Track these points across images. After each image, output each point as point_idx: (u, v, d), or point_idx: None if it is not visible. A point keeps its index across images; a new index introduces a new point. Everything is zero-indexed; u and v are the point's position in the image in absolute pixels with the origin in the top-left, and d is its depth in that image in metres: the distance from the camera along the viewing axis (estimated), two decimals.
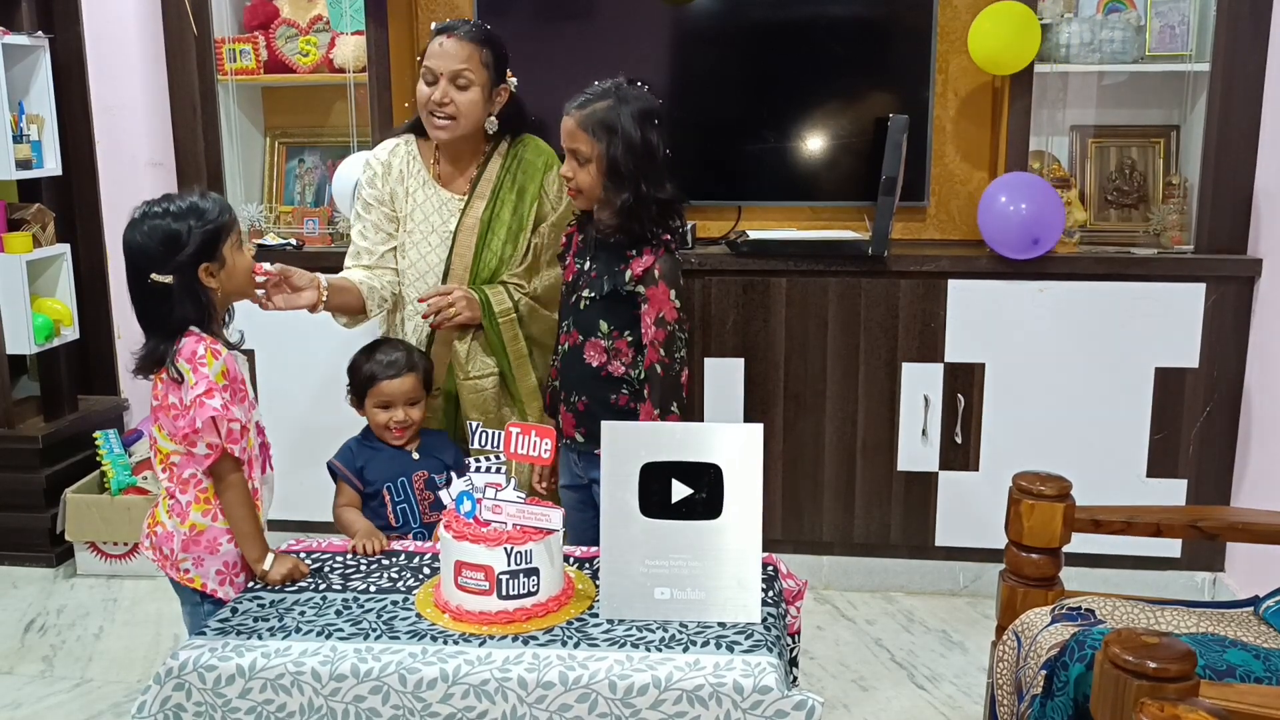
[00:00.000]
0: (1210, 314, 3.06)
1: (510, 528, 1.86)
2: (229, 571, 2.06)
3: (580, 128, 2.28)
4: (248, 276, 2.09)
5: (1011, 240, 3.02)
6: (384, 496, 2.39)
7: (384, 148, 2.61)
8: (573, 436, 2.41)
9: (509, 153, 2.56)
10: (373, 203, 2.57)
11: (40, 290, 3.54)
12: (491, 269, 2.52)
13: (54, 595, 3.39)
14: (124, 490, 3.47)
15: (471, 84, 2.43)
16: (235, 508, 2.01)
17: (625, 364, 2.32)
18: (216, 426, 1.94)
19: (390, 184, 2.56)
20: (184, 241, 1.98)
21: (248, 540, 2.03)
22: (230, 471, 2.00)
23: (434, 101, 2.43)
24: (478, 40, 2.44)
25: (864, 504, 3.27)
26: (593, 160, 2.28)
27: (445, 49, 2.42)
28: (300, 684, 1.72)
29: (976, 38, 3.09)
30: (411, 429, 2.41)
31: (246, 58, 3.48)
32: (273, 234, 3.53)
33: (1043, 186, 3.04)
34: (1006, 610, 2.10)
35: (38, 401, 3.65)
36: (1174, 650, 1.43)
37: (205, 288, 2.01)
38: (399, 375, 2.38)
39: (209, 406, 1.94)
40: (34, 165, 3.44)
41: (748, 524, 1.83)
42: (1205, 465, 3.14)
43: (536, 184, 2.54)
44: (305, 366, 3.38)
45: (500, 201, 2.52)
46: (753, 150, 3.43)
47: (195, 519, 2.03)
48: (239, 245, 2.06)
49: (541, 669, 1.70)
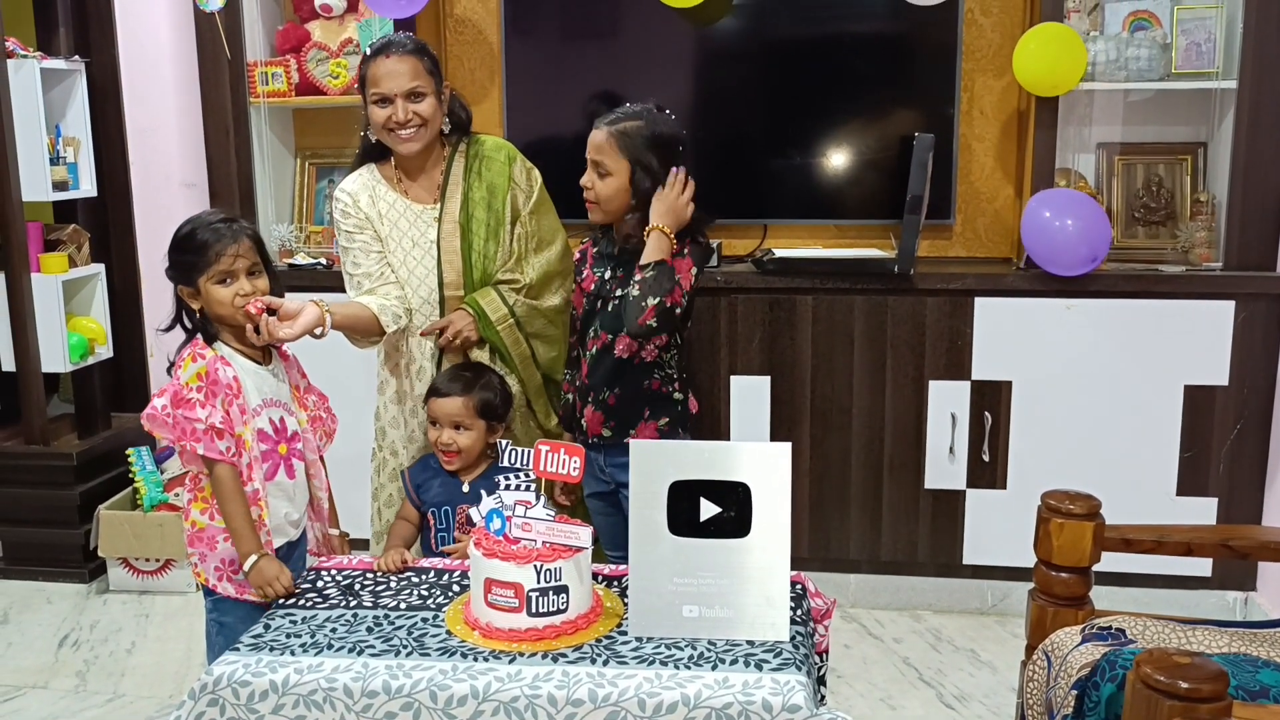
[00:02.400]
0: (1240, 331, 3.04)
1: (540, 545, 1.87)
2: (226, 569, 2.15)
3: (609, 142, 2.37)
4: (226, 310, 2.11)
5: (1067, 258, 3.00)
6: (429, 520, 2.40)
7: (347, 181, 2.63)
8: (599, 434, 2.48)
9: (468, 151, 2.62)
10: (353, 230, 2.58)
11: (75, 309, 3.60)
12: (482, 269, 2.57)
13: (87, 611, 3.43)
14: (156, 507, 3.51)
15: (426, 93, 2.49)
16: (222, 503, 2.11)
17: (658, 346, 2.42)
18: (161, 423, 2.06)
19: (363, 209, 2.58)
20: (170, 260, 2.14)
21: (235, 537, 2.11)
22: (213, 466, 2.09)
23: (396, 121, 2.47)
24: (417, 52, 2.49)
25: (891, 522, 3.27)
26: (615, 175, 2.38)
27: (392, 70, 2.46)
28: (332, 700, 1.73)
29: (1022, 59, 3.05)
30: (461, 456, 2.38)
31: (278, 80, 3.54)
32: (303, 253, 3.57)
33: (1087, 202, 3.03)
34: (1036, 629, 2.09)
35: (72, 419, 3.71)
36: (1206, 670, 1.42)
37: (189, 305, 2.14)
38: (446, 395, 2.39)
39: (152, 404, 2.08)
40: (70, 187, 3.51)
41: (776, 542, 1.84)
42: (1236, 483, 3.11)
43: (505, 177, 2.59)
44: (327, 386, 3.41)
45: (473, 202, 2.57)
46: (778, 168, 3.44)
47: (195, 516, 2.16)
48: (221, 281, 2.10)
49: (571, 686, 1.71)
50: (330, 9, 3.57)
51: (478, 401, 2.38)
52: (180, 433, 2.06)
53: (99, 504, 3.53)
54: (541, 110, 3.48)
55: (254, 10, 3.56)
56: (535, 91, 3.49)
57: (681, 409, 2.51)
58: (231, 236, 2.10)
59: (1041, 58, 3.03)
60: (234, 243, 2.10)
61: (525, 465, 1.97)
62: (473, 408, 2.37)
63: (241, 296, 2.10)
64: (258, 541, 2.10)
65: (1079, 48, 3.01)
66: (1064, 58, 3.01)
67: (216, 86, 3.53)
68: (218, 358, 2.10)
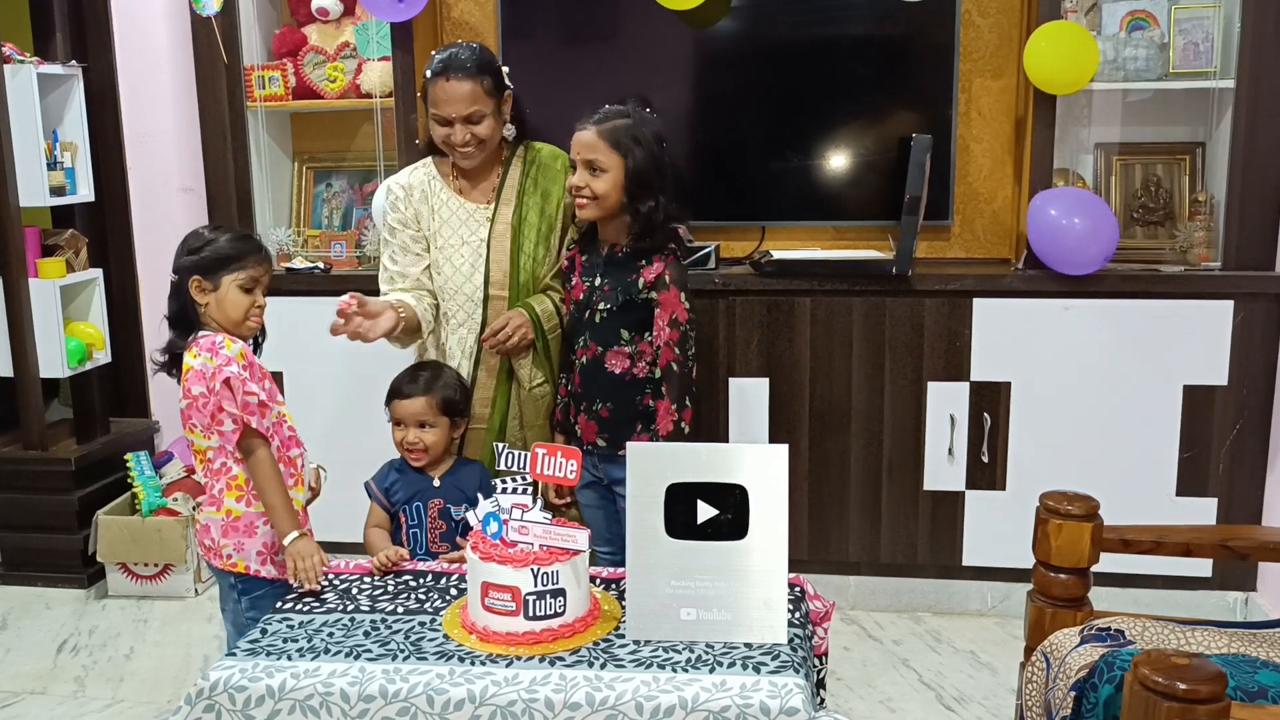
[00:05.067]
0: (1239, 331, 3.04)
1: (537, 549, 1.87)
2: (269, 551, 2.21)
3: (601, 140, 2.41)
4: (239, 312, 2.19)
5: (1077, 257, 2.99)
6: (400, 519, 2.42)
7: (404, 172, 2.68)
8: (594, 443, 2.51)
9: (526, 157, 2.64)
10: (397, 226, 2.63)
11: (73, 315, 3.60)
12: (528, 271, 2.59)
13: (86, 616, 3.42)
14: (155, 512, 3.50)
15: (485, 115, 2.51)
16: (262, 480, 2.15)
17: (649, 363, 2.46)
18: (233, 391, 2.10)
19: (414, 205, 2.62)
20: (195, 250, 2.16)
21: (276, 514, 2.15)
22: (257, 446, 2.14)
23: (455, 143, 2.51)
24: (475, 74, 2.49)
25: (890, 524, 3.26)
26: (610, 171, 2.41)
27: (451, 94, 2.47)
28: (329, 705, 1.73)
29: (1033, 57, 3.04)
30: (428, 453, 2.42)
31: (275, 84, 3.54)
32: (301, 257, 3.57)
33: (1094, 200, 3.02)
34: (1035, 631, 2.08)
35: (70, 424, 3.70)
36: (1204, 672, 1.42)
37: (192, 299, 2.16)
38: (410, 396, 2.42)
39: (226, 371, 2.10)
40: (68, 192, 3.51)
41: (774, 545, 1.84)
42: (1235, 484, 3.11)
43: (560, 185, 2.62)
44: (330, 389, 3.42)
45: (526, 205, 2.60)
46: (776, 170, 3.44)
47: (230, 505, 2.19)
48: (246, 286, 2.18)
49: (568, 690, 1.70)
50: (327, 13, 3.57)
51: (439, 400, 2.42)
52: (243, 404, 2.10)
53: (98, 509, 3.53)
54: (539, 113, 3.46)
55: (250, 14, 3.55)
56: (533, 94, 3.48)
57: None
58: (268, 256, 2.26)
59: (1054, 56, 3.01)
60: (269, 261, 2.25)
61: (522, 468, 1.97)
62: (435, 405, 2.42)
63: (257, 308, 2.20)
64: (297, 520, 2.16)
65: (1091, 45, 3.00)
66: (1078, 55, 2.99)
67: (213, 91, 3.53)
68: (245, 344, 2.19)
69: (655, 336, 2.44)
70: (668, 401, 2.43)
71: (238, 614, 2.26)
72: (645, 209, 2.41)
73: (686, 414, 2.44)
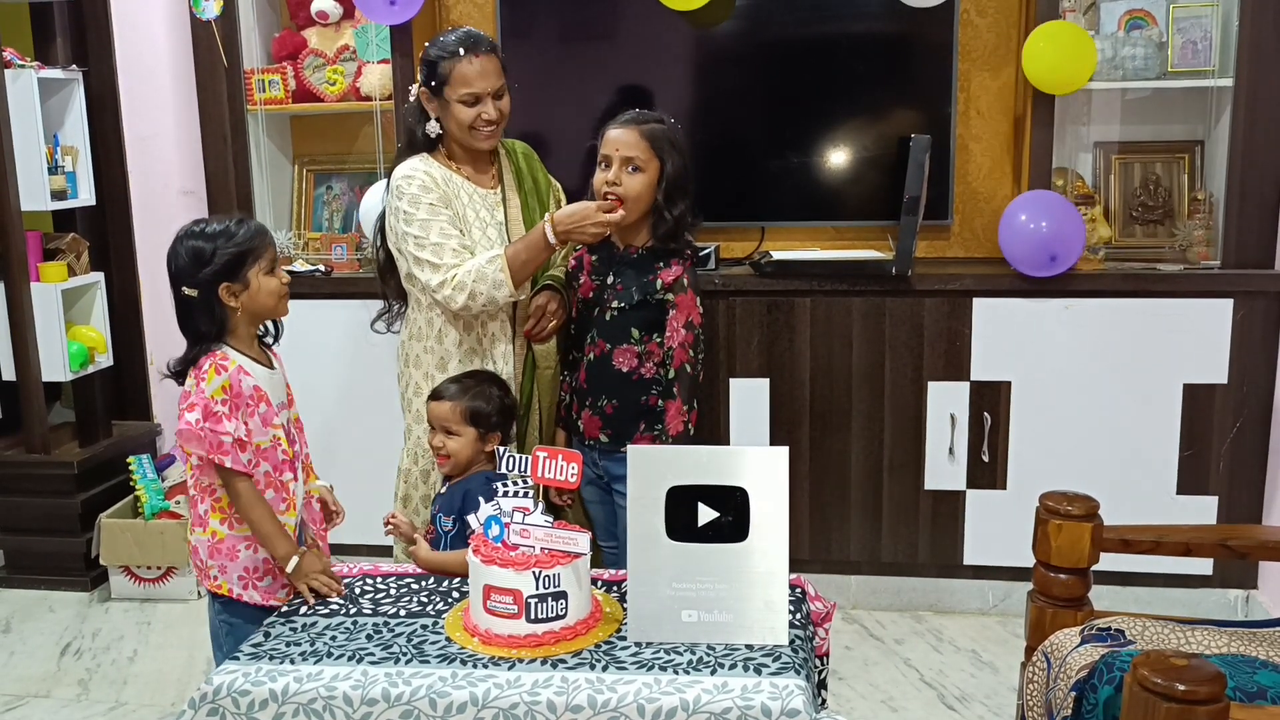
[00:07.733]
0: (1238, 329, 3.04)
1: (538, 552, 1.87)
2: (250, 576, 2.15)
3: (643, 139, 2.44)
4: (275, 299, 2.14)
5: (1030, 257, 3.03)
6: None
7: (414, 162, 2.57)
8: (596, 438, 2.53)
9: (505, 146, 2.70)
10: (437, 203, 2.51)
11: (75, 318, 3.60)
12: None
13: (89, 619, 3.43)
14: (157, 514, 3.51)
15: (505, 92, 2.56)
16: (246, 512, 2.09)
17: (656, 364, 2.48)
18: (195, 438, 2.04)
19: (441, 187, 2.54)
20: (208, 259, 2.07)
21: (268, 542, 2.10)
22: (234, 480, 2.08)
23: (485, 119, 2.51)
24: (497, 50, 2.56)
25: (891, 523, 3.27)
26: (646, 172, 2.44)
27: (484, 69, 2.49)
28: (332, 708, 1.73)
29: (1032, 56, 3.03)
30: (450, 461, 2.37)
31: (275, 88, 3.54)
32: (301, 260, 3.57)
33: (1061, 203, 3.04)
34: (1035, 631, 2.09)
35: (73, 427, 3.71)
36: (1203, 672, 1.42)
37: (224, 305, 2.09)
38: (439, 398, 2.40)
39: (185, 419, 2.05)
40: (69, 196, 3.51)
41: (774, 546, 1.84)
42: (1236, 482, 3.11)
43: (542, 174, 2.71)
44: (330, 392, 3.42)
45: (526, 191, 2.67)
46: (775, 171, 3.44)
47: (215, 526, 2.14)
48: (269, 270, 2.12)
49: (570, 692, 1.71)
50: (326, 16, 3.57)
51: (466, 408, 2.36)
52: (209, 446, 2.04)
53: (100, 512, 3.53)
54: (539, 113, 3.48)
55: (250, 18, 3.56)
56: (531, 95, 3.49)
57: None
58: (265, 229, 2.16)
59: (1052, 55, 3.02)
60: (269, 232, 2.17)
61: (523, 471, 1.98)
62: (460, 413, 2.36)
63: (283, 285, 2.14)
64: (292, 542, 2.11)
65: (1089, 44, 3.01)
66: (1076, 54, 3.00)
67: (214, 94, 3.54)
68: (239, 368, 2.09)
69: (669, 338, 2.46)
70: (679, 402, 2.46)
71: (218, 634, 2.22)
72: (676, 213, 2.47)
73: (693, 415, 2.49)
